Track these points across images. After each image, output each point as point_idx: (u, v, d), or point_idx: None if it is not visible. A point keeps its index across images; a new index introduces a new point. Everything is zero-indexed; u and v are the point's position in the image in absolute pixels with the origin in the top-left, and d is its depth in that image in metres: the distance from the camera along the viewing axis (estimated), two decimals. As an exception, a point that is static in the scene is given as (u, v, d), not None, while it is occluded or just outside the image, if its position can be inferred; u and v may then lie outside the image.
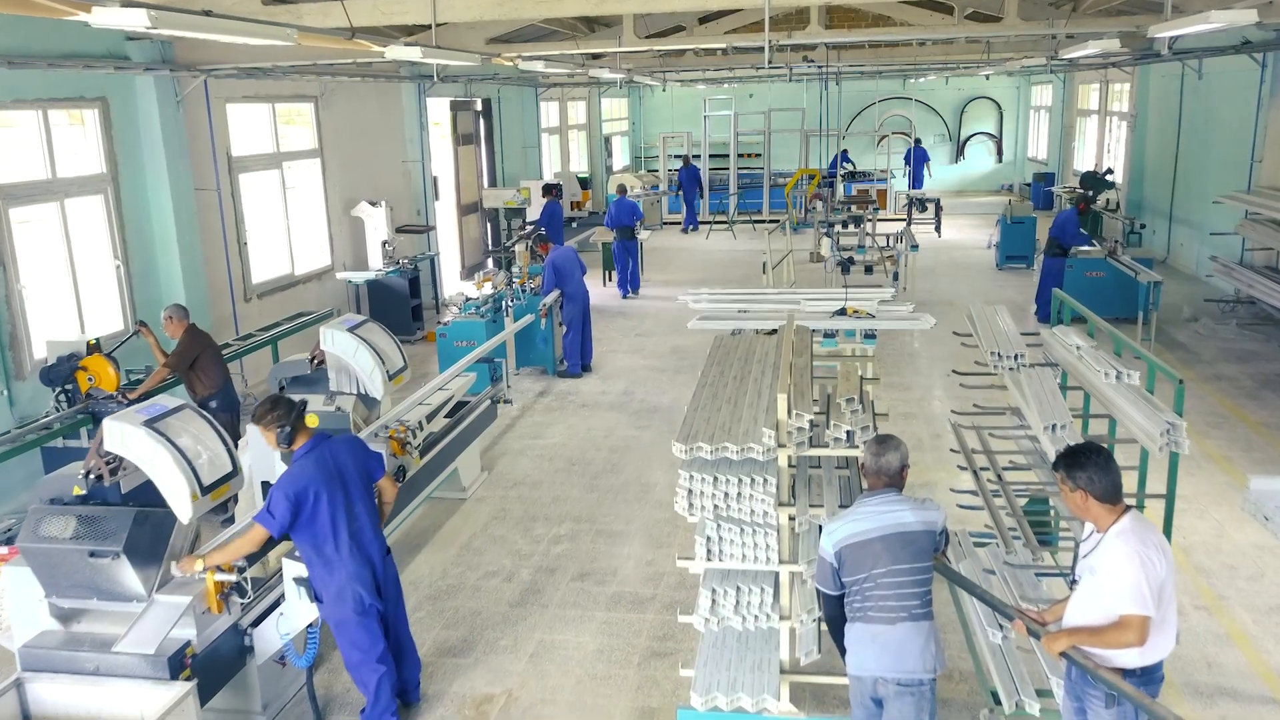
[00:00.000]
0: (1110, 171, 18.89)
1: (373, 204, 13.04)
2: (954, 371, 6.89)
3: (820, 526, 4.65)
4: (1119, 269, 12.46)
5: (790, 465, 4.62)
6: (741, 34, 11.83)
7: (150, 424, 4.49)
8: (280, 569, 5.02)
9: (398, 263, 13.04)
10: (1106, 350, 5.30)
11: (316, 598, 4.78)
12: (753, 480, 4.33)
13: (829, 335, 8.73)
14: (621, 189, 17.34)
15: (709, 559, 4.54)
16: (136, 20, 3.98)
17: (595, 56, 17.65)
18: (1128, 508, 3.70)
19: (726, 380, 5.26)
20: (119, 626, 4.54)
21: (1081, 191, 17.81)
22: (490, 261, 16.29)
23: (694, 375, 10.55)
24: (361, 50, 6.93)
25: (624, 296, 16.23)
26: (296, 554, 4.85)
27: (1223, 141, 15.01)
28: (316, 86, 12.42)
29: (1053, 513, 6.13)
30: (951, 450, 6.47)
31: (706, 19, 19.29)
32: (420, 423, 7.04)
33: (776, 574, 4.54)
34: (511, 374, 11.43)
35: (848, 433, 4.37)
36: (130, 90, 9.19)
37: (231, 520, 6.80)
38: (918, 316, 8.67)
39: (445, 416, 8.09)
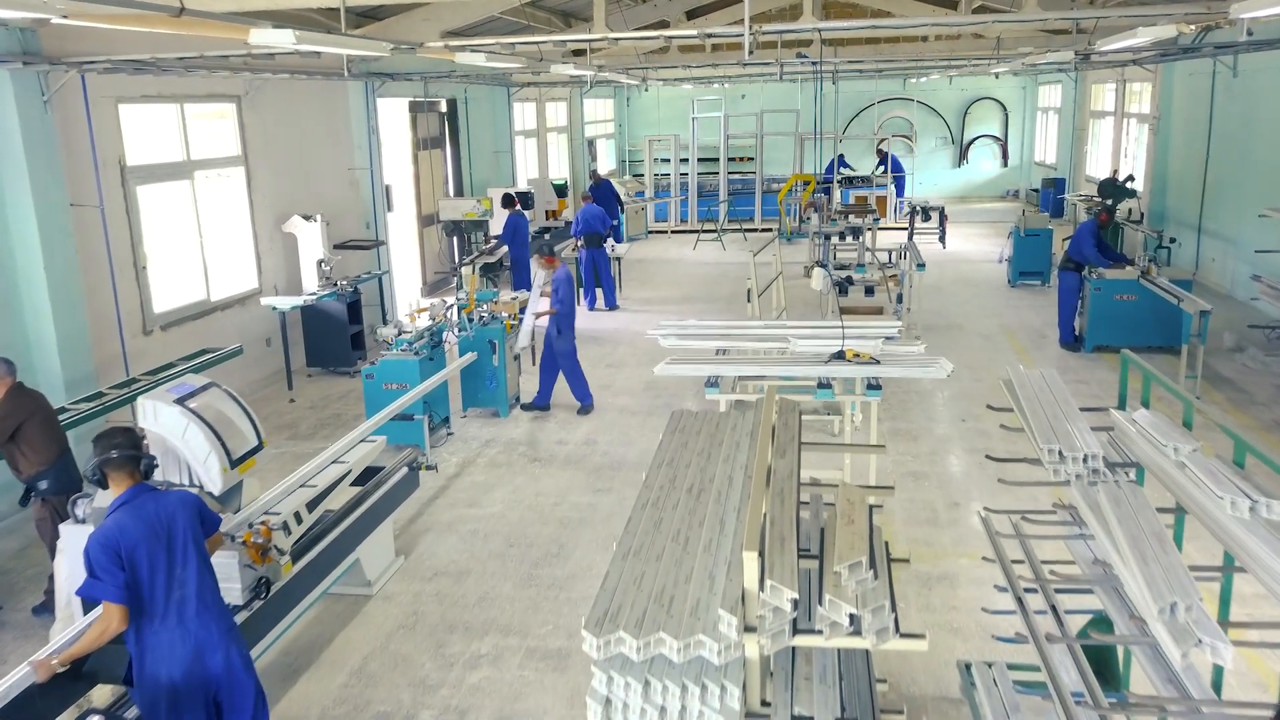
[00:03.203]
0: (1131, 178, 17.34)
1: (306, 218, 11.47)
2: (989, 457, 5.33)
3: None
4: (1154, 292, 10.92)
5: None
6: (721, 21, 10.30)
7: None
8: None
9: (335, 284, 11.47)
10: (1217, 452, 3.74)
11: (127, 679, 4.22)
12: (704, 689, 2.77)
13: (824, 385, 7.21)
14: (587, 196, 15.81)
15: (641, 791, 2.99)
16: None
17: (578, 54, 16.21)
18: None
19: (677, 495, 3.71)
20: None
21: (1101, 201, 16.35)
22: (457, 280, 14.78)
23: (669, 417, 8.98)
24: (222, 35, 5.39)
25: (590, 309, 14.71)
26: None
27: (1263, 146, 13.48)
28: (239, 84, 10.85)
29: (1120, 650, 4.59)
30: (985, 559, 4.93)
31: (695, 14, 17.82)
32: (297, 513, 5.47)
33: (742, 819, 2.98)
34: (459, 416, 9.90)
35: (851, 616, 2.81)
36: (-19, 87, 7.62)
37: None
38: (931, 361, 7.15)
39: (353, 484, 6.56)
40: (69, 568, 5.09)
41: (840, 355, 7.21)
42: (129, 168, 9.21)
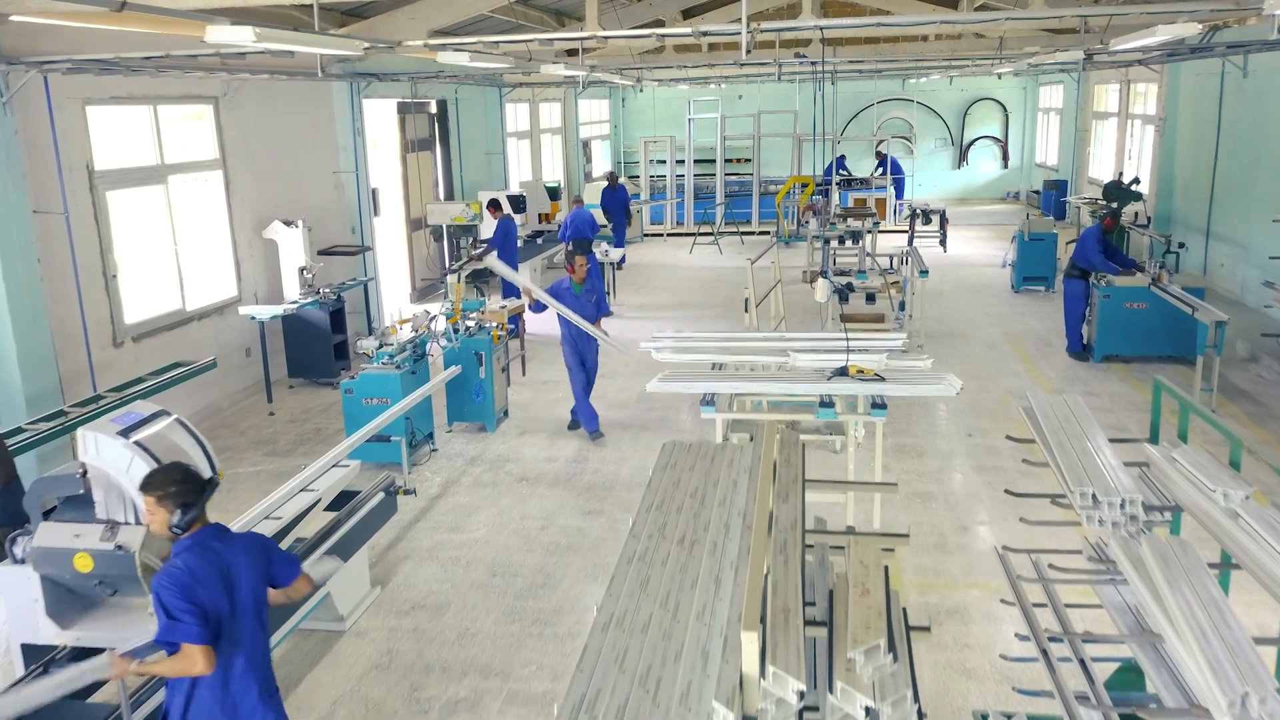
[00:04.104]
0: (1137, 181, 16.95)
1: (287, 223, 11.06)
2: (1008, 492, 4.93)
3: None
4: (1166, 301, 10.54)
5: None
6: (719, 21, 9.91)
7: None
8: None
9: (318, 292, 11.07)
10: (1272, 499, 3.36)
11: None
12: (694, 793, 2.37)
13: (826, 404, 6.82)
14: (578, 200, 15.40)
15: None
16: None
17: (571, 53, 15.83)
18: None
19: (667, 547, 3.31)
20: None
21: (1107, 205, 15.97)
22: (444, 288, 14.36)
23: (664, 433, 8.61)
24: (174, 33, 4.98)
25: None
26: None
27: (1275, 148, 13.09)
28: (216, 85, 10.43)
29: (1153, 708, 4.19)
30: (1004, 601, 4.55)
31: (690, 13, 17.42)
32: (260, 549, 5.06)
33: None
34: (445, 430, 9.51)
35: (867, 709, 2.42)
36: (-65, 88, 7.22)
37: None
38: (939, 378, 6.75)
39: (327, 509, 6.17)
40: (8, 611, 4.70)
41: (843, 371, 6.83)
42: (98, 172, 8.80)
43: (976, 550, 6.77)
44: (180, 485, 3.66)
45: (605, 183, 19.50)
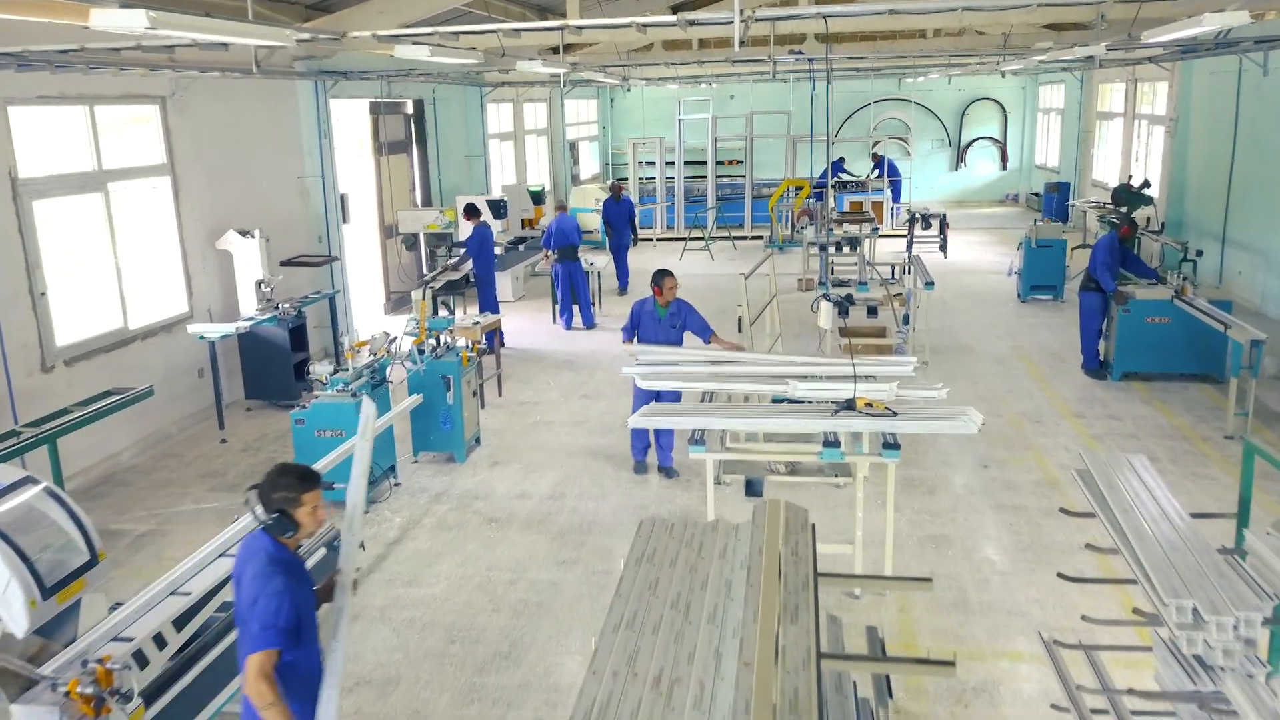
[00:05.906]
0: (1147, 184, 16.20)
1: (243, 233, 10.22)
2: (1061, 576, 4.13)
3: None
4: (1190, 315, 9.77)
5: None
6: (710, 12, 9.13)
7: None
8: None
9: (277, 307, 10.23)
10: None
11: None
12: None
13: (831, 443, 6.03)
14: (561, 205, 14.59)
15: None
16: None
17: (557, 50, 15.05)
18: None
19: (638, 692, 2.49)
20: None
21: (1117, 210, 15.24)
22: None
23: (652, 464, 7.73)
24: (45, 19, 4.12)
25: (567, 328, 13.52)
26: None
27: (1298, 151, 12.37)
28: (163, 84, 9.58)
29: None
30: (1055, 707, 3.74)
31: (680, 10, 16.63)
32: (159, 635, 4.23)
33: None
34: (410, 461, 8.69)
35: None
36: None
37: None
38: (958, 413, 5.97)
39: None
40: None
41: (850, 405, 6.04)
42: (22, 180, 7.95)
43: (1002, 609, 5.97)
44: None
45: (596, 184, 18.70)
